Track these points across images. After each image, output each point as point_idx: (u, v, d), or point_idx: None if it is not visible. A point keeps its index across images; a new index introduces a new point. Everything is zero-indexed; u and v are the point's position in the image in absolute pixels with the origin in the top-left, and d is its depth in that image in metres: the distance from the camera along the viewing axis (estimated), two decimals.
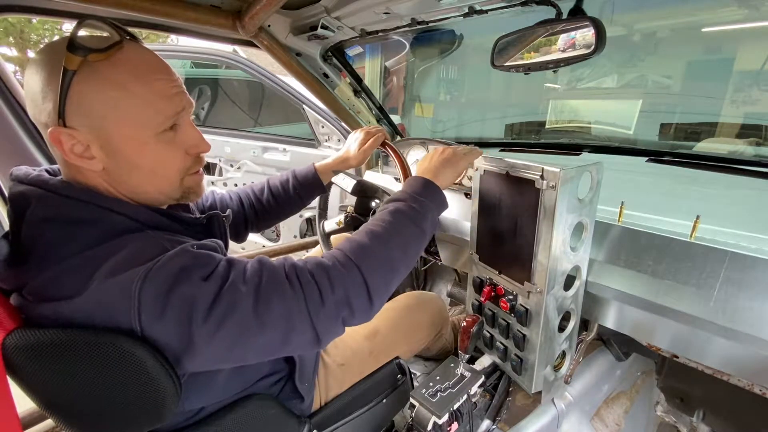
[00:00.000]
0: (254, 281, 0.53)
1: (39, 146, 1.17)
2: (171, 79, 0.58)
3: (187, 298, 0.48)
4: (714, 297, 0.74)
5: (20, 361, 0.48)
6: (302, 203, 1.05)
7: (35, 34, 8.68)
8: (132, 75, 0.54)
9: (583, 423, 1.11)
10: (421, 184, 0.74)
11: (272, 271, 0.55)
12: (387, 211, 0.68)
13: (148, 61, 0.56)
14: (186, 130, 0.61)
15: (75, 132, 0.52)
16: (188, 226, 0.63)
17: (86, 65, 0.51)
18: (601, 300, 0.93)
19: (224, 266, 0.54)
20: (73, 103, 0.51)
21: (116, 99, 0.53)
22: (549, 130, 2.33)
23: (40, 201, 0.53)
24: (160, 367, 0.49)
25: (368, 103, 1.66)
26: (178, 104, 0.58)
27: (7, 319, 0.50)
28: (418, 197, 0.71)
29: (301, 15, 1.17)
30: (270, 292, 0.53)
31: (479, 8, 1.01)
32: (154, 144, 0.57)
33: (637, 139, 1.98)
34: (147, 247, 0.52)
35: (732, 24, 2.03)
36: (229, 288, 0.51)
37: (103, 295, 0.48)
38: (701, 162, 1.15)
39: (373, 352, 0.97)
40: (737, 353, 0.75)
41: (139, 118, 0.55)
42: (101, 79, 0.52)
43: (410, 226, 0.66)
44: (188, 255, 0.51)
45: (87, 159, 0.54)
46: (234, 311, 0.50)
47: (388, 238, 0.63)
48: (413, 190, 0.73)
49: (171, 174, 0.61)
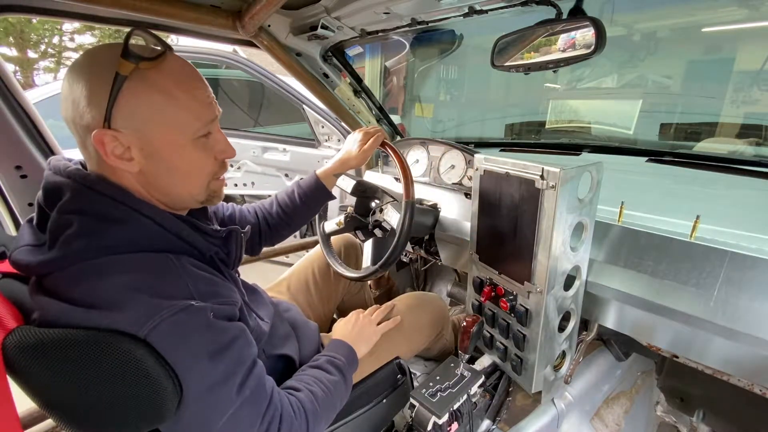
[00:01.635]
0: (245, 393, 0.58)
1: (39, 146, 1.17)
2: (207, 87, 0.62)
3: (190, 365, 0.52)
4: (714, 297, 0.74)
5: (20, 361, 0.48)
6: (311, 212, 1.07)
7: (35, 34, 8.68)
8: (176, 82, 0.57)
9: (583, 423, 1.11)
10: (349, 351, 0.89)
11: (260, 397, 0.61)
12: (333, 380, 0.79)
13: (188, 71, 0.60)
14: (217, 137, 0.64)
15: (119, 134, 0.55)
16: (208, 236, 0.65)
17: (137, 72, 0.54)
18: (601, 300, 0.93)
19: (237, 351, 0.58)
20: (120, 106, 0.54)
21: (161, 104, 0.56)
22: (549, 130, 2.33)
23: (75, 193, 0.55)
24: (160, 367, 0.49)
25: (368, 103, 1.66)
26: (213, 112, 0.62)
27: (7, 318, 0.50)
28: (350, 369, 0.86)
29: (301, 15, 1.17)
30: (247, 413, 0.58)
31: (479, 8, 1.01)
32: (191, 148, 0.60)
33: (637, 139, 1.98)
34: (170, 280, 0.55)
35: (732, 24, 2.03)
36: (227, 384, 0.56)
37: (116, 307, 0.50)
38: (701, 162, 1.15)
39: (373, 353, 0.97)
40: (737, 353, 0.75)
41: (180, 123, 0.58)
42: (149, 85, 0.55)
43: (341, 398, 0.80)
44: (204, 321, 0.54)
45: (126, 161, 0.57)
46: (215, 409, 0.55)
47: (329, 405, 0.76)
48: (348, 361, 0.86)
49: (202, 177, 0.64)
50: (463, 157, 1.34)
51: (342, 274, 1.14)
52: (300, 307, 1.08)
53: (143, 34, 0.57)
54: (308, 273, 1.20)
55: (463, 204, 1.26)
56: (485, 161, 0.93)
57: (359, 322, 0.99)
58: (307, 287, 1.18)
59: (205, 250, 0.64)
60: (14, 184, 1.16)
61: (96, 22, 1.04)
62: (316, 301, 1.18)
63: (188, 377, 0.52)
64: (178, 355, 0.51)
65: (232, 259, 0.70)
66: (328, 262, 1.20)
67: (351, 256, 1.29)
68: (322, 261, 1.22)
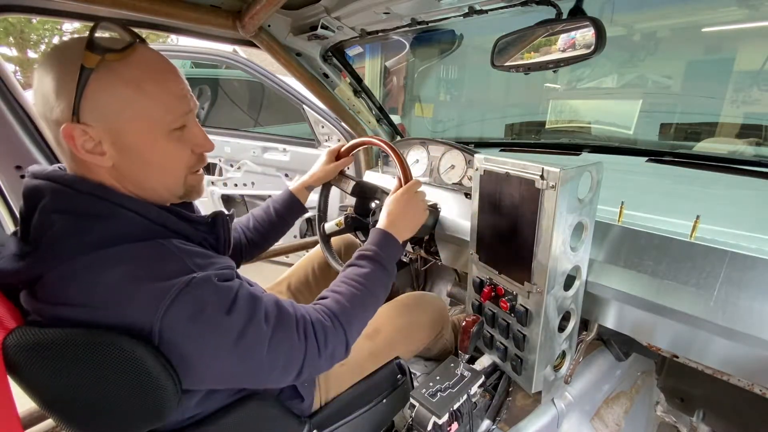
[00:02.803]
0: (272, 322, 0.60)
1: (39, 146, 1.17)
2: (180, 80, 0.61)
3: (214, 328, 0.54)
4: (714, 297, 0.74)
5: (20, 360, 0.48)
6: (287, 225, 1.12)
7: (35, 34, 8.68)
8: (146, 74, 0.56)
9: (583, 423, 1.11)
10: (381, 237, 0.85)
11: (286, 318, 0.63)
12: (363, 272, 0.78)
13: (159, 62, 0.59)
14: (192, 130, 0.63)
15: (88, 128, 0.54)
16: (194, 224, 0.65)
17: (103, 64, 0.53)
18: (601, 300, 0.93)
19: (246, 299, 0.59)
20: (88, 99, 0.53)
21: (130, 97, 0.55)
22: (549, 130, 2.33)
23: (54, 194, 0.54)
24: (161, 366, 0.49)
25: (368, 103, 1.66)
26: (187, 104, 0.61)
27: (7, 318, 0.50)
28: (383, 255, 0.81)
29: (301, 15, 1.17)
30: (282, 337, 0.60)
31: (479, 8, 1.01)
32: (165, 141, 0.59)
33: (637, 139, 1.98)
34: (167, 261, 0.55)
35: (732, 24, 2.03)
36: (254, 324, 0.57)
37: (124, 300, 0.50)
38: (701, 162, 1.15)
39: (373, 352, 0.97)
40: (737, 353, 0.75)
41: (152, 116, 0.57)
42: (117, 78, 0.54)
43: (380, 286, 0.78)
44: (212, 287, 0.55)
45: (98, 155, 0.56)
46: (255, 347, 0.57)
47: (365, 301, 0.75)
48: (379, 246, 0.83)
49: (177, 171, 0.63)
50: (463, 157, 1.34)
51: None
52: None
53: (113, 26, 0.56)
54: (308, 272, 1.20)
55: (463, 204, 1.26)
56: (485, 161, 0.93)
57: (403, 198, 0.91)
58: (308, 287, 1.18)
59: (194, 237, 0.64)
60: (14, 184, 1.16)
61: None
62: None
63: (215, 340, 0.53)
64: (197, 328, 0.52)
65: (221, 244, 0.70)
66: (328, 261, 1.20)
67: (351, 256, 1.29)
68: (322, 260, 1.22)
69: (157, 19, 1.01)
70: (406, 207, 0.90)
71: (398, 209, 0.89)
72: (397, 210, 0.89)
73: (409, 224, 0.90)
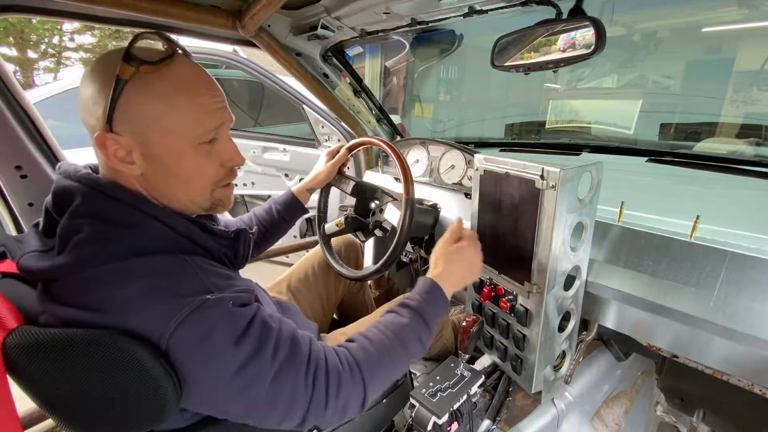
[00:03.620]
0: (280, 359, 0.56)
1: (39, 146, 1.17)
2: (214, 94, 0.60)
3: (218, 355, 0.52)
4: (714, 297, 0.74)
5: (20, 360, 0.48)
6: (288, 225, 1.13)
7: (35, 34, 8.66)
8: (178, 89, 0.56)
9: (583, 423, 1.11)
10: (428, 287, 0.76)
11: (297, 356, 0.58)
12: (400, 323, 0.70)
13: (194, 76, 0.59)
14: (223, 144, 0.63)
15: (119, 138, 0.55)
16: (217, 237, 0.65)
17: (138, 76, 0.54)
18: (601, 300, 0.93)
19: (258, 328, 0.56)
20: (121, 110, 0.54)
21: (161, 110, 0.55)
22: (549, 130, 2.33)
23: (86, 198, 0.55)
24: (160, 367, 0.49)
25: (368, 103, 1.66)
26: (219, 119, 0.61)
27: (7, 318, 0.50)
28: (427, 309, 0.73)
29: (301, 15, 1.17)
30: (287, 377, 0.56)
31: (479, 8, 1.01)
32: (192, 155, 0.59)
33: (637, 139, 1.98)
34: (187, 278, 0.54)
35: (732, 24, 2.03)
36: (259, 356, 0.54)
37: (139, 311, 0.50)
38: (701, 162, 1.15)
39: None
40: (737, 353, 0.75)
41: (180, 130, 0.57)
42: (150, 90, 0.55)
43: (416, 342, 0.70)
44: (226, 310, 0.54)
45: (128, 164, 0.57)
46: (255, 380, 0.54)
47: (395, 355, 0.67)
48: (425, 298, 0.74)
49: (204, 184, 0.63)
50: (463, 157, 1.34)
51: (343, 274, 1.14)
52: (300, 307, 1.08)
53: (155, 38, 0.57)
54: (308, 272, 1.20)
55: (463, 204, 1.26)
56: (485, 161, 0.93)
57: (461, 248, 0.83)
58: (308, 286, 1.18)
59: (215, 251, 0.64)
60: (14, 184, 1.16)
61: (96, 22, 1.04)
62: (316, 301, 1.18)
63: (216, 367, 0.52)
64: (199, 350, 0.51)
65: (239, 259, 0.70)
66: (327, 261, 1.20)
67: (351, 256, 1.29)
68: (322, 260, 1.22)
69: (157, 19, 1.01)
70: (463, 258, 0.83)
71: (454, 259, 0.81)
72: (453, 259, 0.81)
73: (461, 279, 0.82)
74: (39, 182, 1.18)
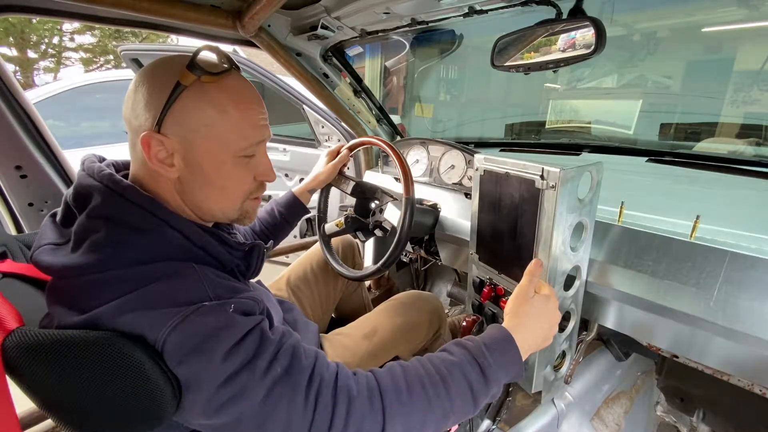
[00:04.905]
0: (276, 373, 0.51)
1: (39, 146, 1.17)
2: (261, 110, 0.64)
3: (207, 363, 0.49)
4: (714, 297, 0.74)
5: (20, 361, 0.48)
6: (290, 227, 1.15)
7: (35, 34, 8.66)
8: (231, 100, 0.59)
9: (583, 423, 1.11)
10: (501, 339, 0.63)
11: (296, 370, 0.52)
12: (449, 360, 0.59)
13: (246, 91, 0.62)
14: (260, 158, 0.66)
15: (165, 139, 0.57)
16: (231, 249, 0.65)
17: (197, 84, 0.57)
18: (601, 300, 0.93)
19: (256, 338, 0.52)
20: (174, 113, 0.56)
21: (212, 118, 0.57)
22: (549, 130, 2.33)
23: (105, 199, 0.55)
24: (159, 370, 0.49)
25: (368, 103, 1.66)
26: (261, 134, 0.64)
27: (7, 319, 0.50)
28: (489, 357, 0.60)
29: (301, 15, 1.17)
30: (282, 392, 0.50)
31: (479, 8, 1.01)
32: (231, 165, 0.61)
33: (637, 139, 1.98)
34: (189, 286, 0.54)
35: (732, 24, 2.03)
36: (251, 367, 0.50)
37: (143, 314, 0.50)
38: (701, 162, 1.15)
39: (372, 353, 0.97)
40: (737, 353, 0.75)
41: (226, 139, 0.59)
42: (206, 98, 0.57)
43: (463, 388, 0.57)
44: (223, 317, 0.52)
45: (167, 166, 0.58)
46: (243, 395, 0.49)
47: (432, 394, 0.55)
48: (490, 345, 0.62)
49: (237, 195, 0.65)
50: (463, 157, 1.34)
51: (343, 274, 1.14)
52: (300, 306, 1.08)
53: (214, 52, 0.60)
54: (307, 270, 1.20)
55: (463, 204, 1.26)
56: (485, 161, 0.93)
57: (542, 302, 0.71)
58: (307, 284, 1.18)
59: (228, 263, 0.63)
60: (14, 184, 1.16)
61: (96, 22, 1.04)
62: (316, 300, 1.18)
63: (204, 374, 0.49)
64: (191, 356, 0.49)
65: (250, 271, 0.70)
66: (326, 260, 1.20)
67: (348, 256, 1.30)
68: (321, 259, 1.23)
69: (157, 19, 1.01)
70: (547, 313, 0.70)
71: (539, 312, 0.69)
72: (536, 313, 0.69)
73: (542, 340, 0.69)
74: (39, 182, 1.19)
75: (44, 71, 9.13)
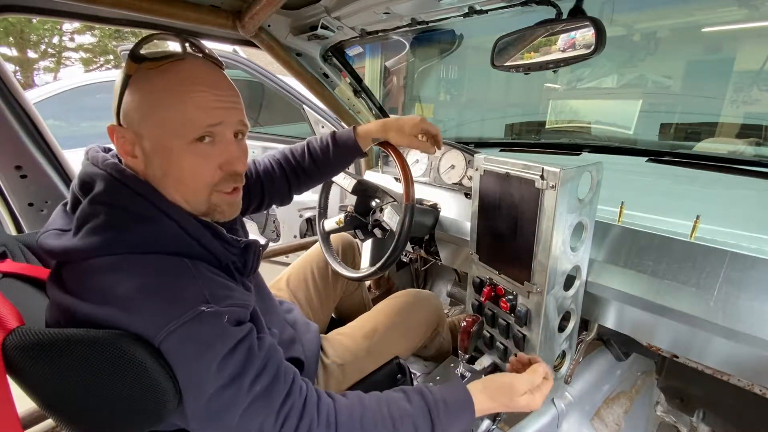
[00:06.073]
0: (257, 390, 0.55)
1: (39, 146, 1.17)
2: (217, 93, 0.59)
3: (203, 372, 0.52)
4: (714, 297, 0.74)
5: (20, 361, 0.48)
6: (341, 167, 1.05)
7: (35, 34, 8.66)
8: (173, 84, 0.57)
9: (583, 423, 1.11)
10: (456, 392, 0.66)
11: (275, 391, 0.57)
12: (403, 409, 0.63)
13: (199, 74, 0.58)
14: (225, 146, 0.60)
15: (124, 131, 0.58)
16: (227, 245, 0.64)
17: (140, 72, 0.57)
18: (601, 300, 0.93)
19: (244, 353, 0.55)
20: (125, 103, 0.57)
21: (153, 104, 0.57)
22: (549, 130, 2.33)
23: (108, 185, 0.56)
24: (160, 368, 0.49)
25: (368, 103, 1.65)
26: (216, 117, 0.58)
27: (7, 319, 0.50)
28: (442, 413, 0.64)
29: (301, 15, 1.17)
30: (258, 412, 0.55)
31: (479, 8, 1.01)
32: (183, 153, 0.58)
33: (637, 139, 1.98)
34: (187, 285, 0.55)
35: (732, 24, 2.03)
36: (237, 383, 0.54)
37: (134, 310, 0.51)
38: (701, 162, 1.15)
39: (371, 352, 0.97)
40: (737, 353, 0.75)
41: (170, 126, 0.57)
42: (146, 86, 0.57)
43: None
44: (219, 328, 0.54)
45: (132, 157, 0.59)
46: (229, 408, 0.53)
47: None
48: (446, 400, 0.65)
49: (198, 186, 0.60)
50: (463, 157, 1.34)
51: (341, 273, 1.14)
52: (300, 306, 1.08)
53: (171, 37, 0.60)
54: (307, 270, 1.20)
55: (463, 204, 1.26)
56: (485, 161, 0.93)
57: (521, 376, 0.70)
58: (306, 284, 1.18)
59: (223, 258, 0.63)
60: (14, 184, 1.16)
61: (96, 22, 1.04)
62: (315, 300, 1.18)
63: (197, 382, 0.52)
64: (187, 363, 0.51)
65: (247, 269, 0.69)
66: (327, 260, 1.20)
67: (348, 255, 1.30)
68: (321, 259, 1.23)
69: (157, 19, 1.01)
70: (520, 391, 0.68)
71: (513, 389, 0.68)
72: (512, 388, 0.68)
73: (505, 406, 0.68)
74: (39, 182, 1.18)
75: (44, 71, 9.13)
